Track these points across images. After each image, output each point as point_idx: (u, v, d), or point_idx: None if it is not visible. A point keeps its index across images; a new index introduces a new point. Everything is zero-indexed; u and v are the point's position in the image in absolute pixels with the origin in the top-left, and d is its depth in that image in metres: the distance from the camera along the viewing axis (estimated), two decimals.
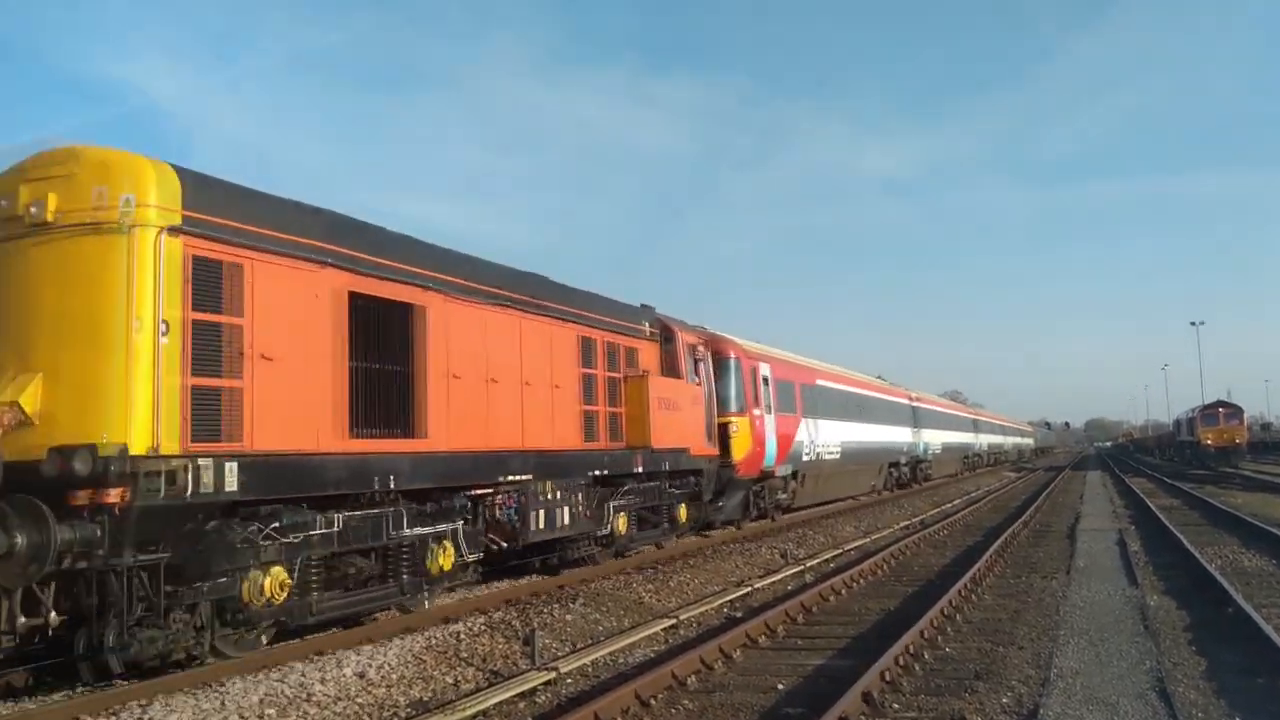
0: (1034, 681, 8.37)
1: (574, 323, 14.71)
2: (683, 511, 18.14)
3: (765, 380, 22.81)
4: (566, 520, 13.84)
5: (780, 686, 8.53)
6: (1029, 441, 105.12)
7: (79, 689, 8.19)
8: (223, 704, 7.72)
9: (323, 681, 8.44)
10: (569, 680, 8.84)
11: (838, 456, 28.66)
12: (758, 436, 21.62)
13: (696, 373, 18.81)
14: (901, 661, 8.86)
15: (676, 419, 17.16)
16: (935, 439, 46.84)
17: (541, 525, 13.18)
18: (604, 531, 15.27)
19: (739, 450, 20.59)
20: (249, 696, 7.92)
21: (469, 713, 7.66)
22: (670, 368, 17.74)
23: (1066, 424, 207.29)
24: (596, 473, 14.81)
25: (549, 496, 13.37)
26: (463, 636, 10.31)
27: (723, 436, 20.05)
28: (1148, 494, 33.63)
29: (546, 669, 8.92)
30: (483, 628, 10.73)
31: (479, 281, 12.41)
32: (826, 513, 27.42)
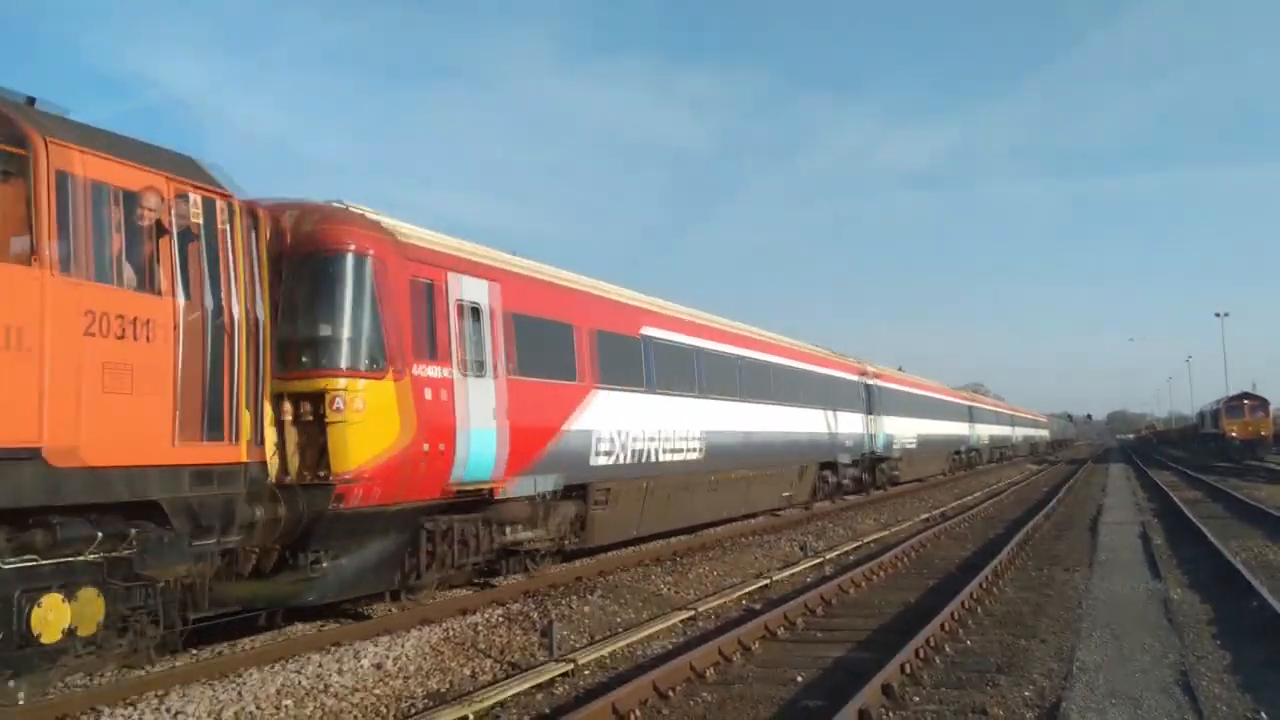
0: (1056, 675, 8.29)
1: None
2: (48, 615, 7.22)
3: (475, 312, 12.02)
4: None
5: (799, 679, 8.47)
6: (1043, 434, 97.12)
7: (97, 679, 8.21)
8: (239, 694, 7.73)
9: (340, 672, 8.45)
10: (587, 672, 8.82)
11: (697, 456, 17.94)
12: (429, 422, 10.89)
13: (157, 262, 8.18)
14: (922, 654, 8.79)
15: None
16: (905, 429, 36.36)
17: None
18: None
19: (359, 450, 10.04)
20: (266, 687, 7.93)
21: (486, 704, 7.64)
22: (18, 235, 7.33)
23: (1088, 416, 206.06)
24: None
25: None
26: (480, 628, 10.31)
27: (316, 424, 9.99)
28: (1171, 487, 33.37)
29: (564, 661, 8.89)
30: (500, 619, 10.73)
31: None
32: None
